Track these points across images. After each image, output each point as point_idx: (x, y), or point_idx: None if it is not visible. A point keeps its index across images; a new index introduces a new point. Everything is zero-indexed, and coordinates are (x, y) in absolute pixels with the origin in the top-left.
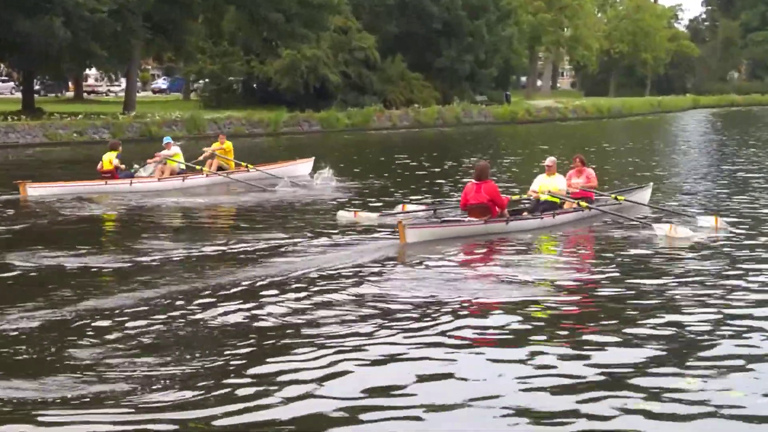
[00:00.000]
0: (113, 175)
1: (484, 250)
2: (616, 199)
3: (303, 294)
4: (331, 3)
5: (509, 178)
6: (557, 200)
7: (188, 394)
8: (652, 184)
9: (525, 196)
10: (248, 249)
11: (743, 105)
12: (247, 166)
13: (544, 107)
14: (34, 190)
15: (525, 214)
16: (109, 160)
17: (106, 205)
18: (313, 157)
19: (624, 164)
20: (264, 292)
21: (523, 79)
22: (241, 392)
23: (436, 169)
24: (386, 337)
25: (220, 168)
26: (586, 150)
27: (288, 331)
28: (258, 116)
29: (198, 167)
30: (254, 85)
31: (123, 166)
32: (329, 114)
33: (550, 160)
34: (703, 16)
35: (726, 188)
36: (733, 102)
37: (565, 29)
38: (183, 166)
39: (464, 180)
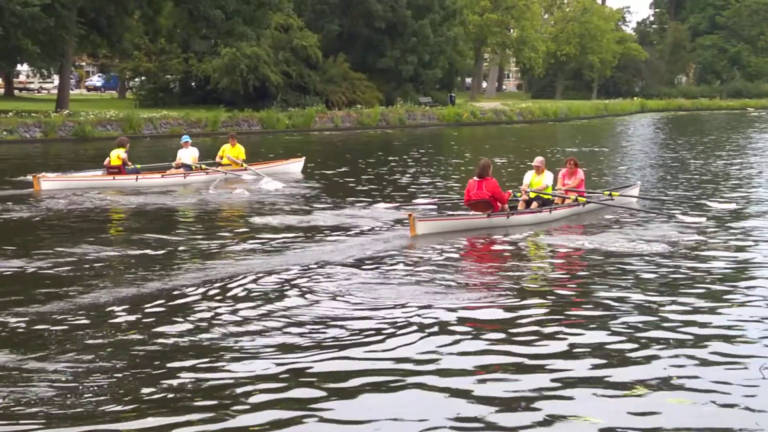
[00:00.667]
0: (120, 171)
1: (487, 242)
2: (610, 195)
3: (319, 283)
4: (273, 0)
5: (450, 180)
6: (549, 196)
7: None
8: (639, 183)
9: (518, 194)
10: (257, 242)
11: (691, 109)
12: (243, 165)
13: (489, 109)
14: (48, 183)
15: (522, 208)
16: (117, 155)
17: (113, 200)
18: (303, 157)
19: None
20: (283, 281)
21: (469, 80)
22: (261, 387)
23: (384, 169)
24: (400, 326)
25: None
26: (534, 151)
27: (303, 320)
28: (196, 116)
29: (205, 167)
30: (192, 84)
31: (129, 163)
32: (269, 114)
33: (537, 160)
34: (651, 18)
35: (681, 190)
36: (680, 106)
37: (512, 30)
38: (196, 166)
39: (418, 181)
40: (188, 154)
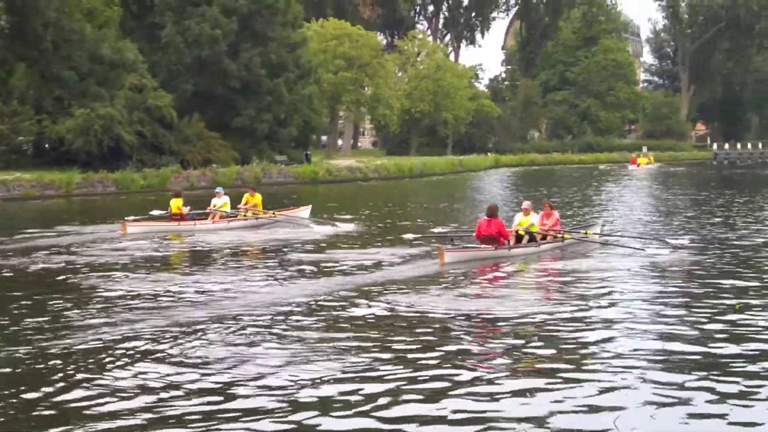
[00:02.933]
0: (182, 217)
1: (505, 269)
2: (586, 233)
3: (360, 306)
4: (126, 61)
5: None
6: (533, 234)
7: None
8: (602, 220)
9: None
10: (302, 271)
11: (543, 164)
12: (274, 213)
13: (345, 167)
14: (132, 228)
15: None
16: (177, 205)
17: (182, 242)
18: (311, 205)
19: (424, 219)
20: (328, 305)
21: (324, 138)
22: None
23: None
24: (439, 346)
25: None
26: (388, 208)
27: (349, 341)
28: (49, 177)
29: (239, 213)
30: (46, 145)
31: (189, 210)
32: (124, 175)
33: (526, 204)
34: (503, 75)
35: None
36: (533, 161)
37: (366, 88)
38: (228, 212)
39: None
40: (222, 203)
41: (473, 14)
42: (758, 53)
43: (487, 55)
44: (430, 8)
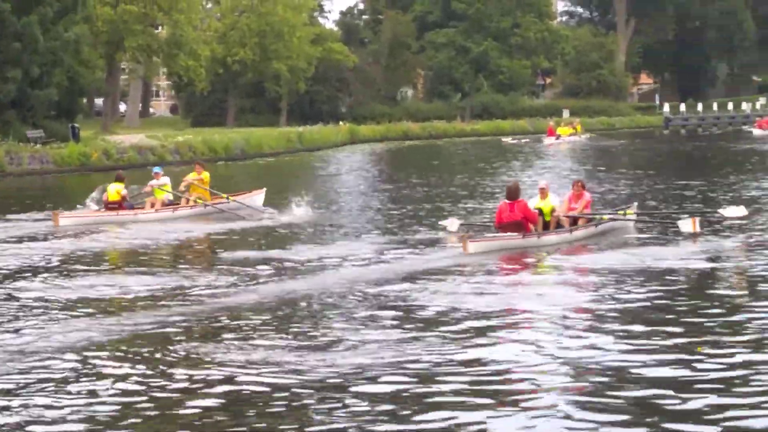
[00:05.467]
0: (120, 206)
1: (526, 260)
2: (624, 213)
3: (385, 298)
4: None
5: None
6: (548, 218)
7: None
8: (636, 203)
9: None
10: (306, 261)
11: (422, 137)
12: (227, 197)
13: (131, 146)
14: (65, 220)
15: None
16: (117, 191)
17: (118, 234)
18: (265, 188)
19: None
20: (342, 297)
21: (99, 102)
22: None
23: None
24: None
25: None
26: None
27: (369, 332)
28: None
29: (182, 197)
30: None
31: (128, 197)
32: None
33: (543, 183)
34: (361, 7)
35: None
36: (406, 133)
37: (160, 28)
38: (171, 197)
39: None
40: (161, 184)
41: None
42: None
43: None
44: None
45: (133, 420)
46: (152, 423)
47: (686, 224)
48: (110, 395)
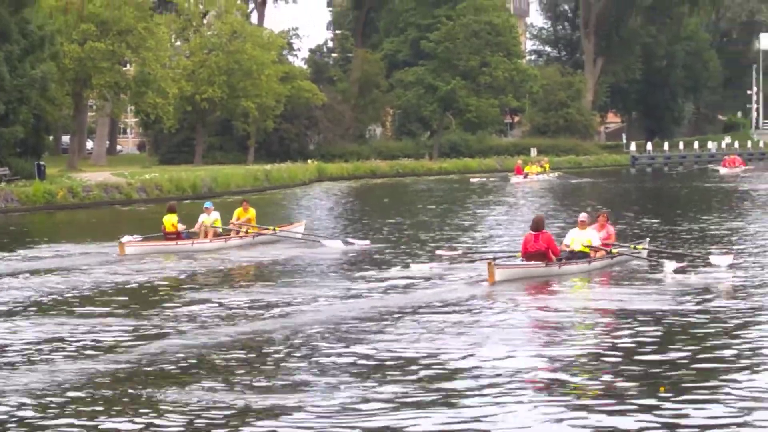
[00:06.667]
0: (178, 236)
1: (550, 288)
2: (635, 248)
3: (411, 323)
4: None
5: None
6: (587, 250)
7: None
8: (648, 238)
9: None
10: (339, 290)
11: (389, 175)
12: (274, 229)
13: (96, 184)
14: (130, 248)
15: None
16: (172, 222)
17: (180, 263)
18: (305, 221)
19: None
20: (372, 324)
21: (66, 140)
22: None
23: None
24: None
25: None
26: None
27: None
28: None
29: (232, 230)
30: None
31: (184, 227)
32: None
33: (583, 216)
34: (330, 45)
35: None
36: (374, 170)
37: (129, 65)
38: (221, 230)
39: None
40: (212, 219)
41: None
42: (692, 13)
43: (305, 15)
44: None
45: None
46: None
47: (723, 259)
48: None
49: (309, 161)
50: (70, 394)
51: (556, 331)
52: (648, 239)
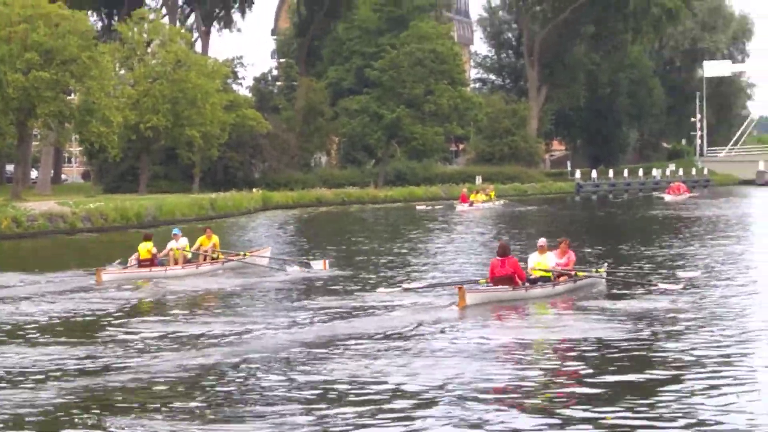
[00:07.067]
0: (152, 263)
1: (519, 311)
2: (597, 271)
3: (381, 347)
4: None
5: None
6: (549, 274)
7: None
8: (606, 263)
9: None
10: (309, 314)
11: (335, 203)
12: (244, 254)
13: (41, 213)
14: (107, 276)
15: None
16: (147, 249)
17: (156, 289)
18: (270, 247)
19: None
20: (341, 349)
21: (10, 169)
22: None
23: None
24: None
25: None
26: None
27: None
28: None
29: (199, 255)
30: None
31: (159, 255)
32: None
33: (542, 241)
34: (275, 73)
35: None
36: (320, 199)
37: (73, 94)
38: (189, 255)
39: None
40: (181, 245)
41: None
42: (635, 41)
43: (250, 43)
44: None
45: None
46: None
47: (673, 284)
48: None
49: (254, 190)
50: (12, 424)
51: (515, 354)
52: (606, 264)
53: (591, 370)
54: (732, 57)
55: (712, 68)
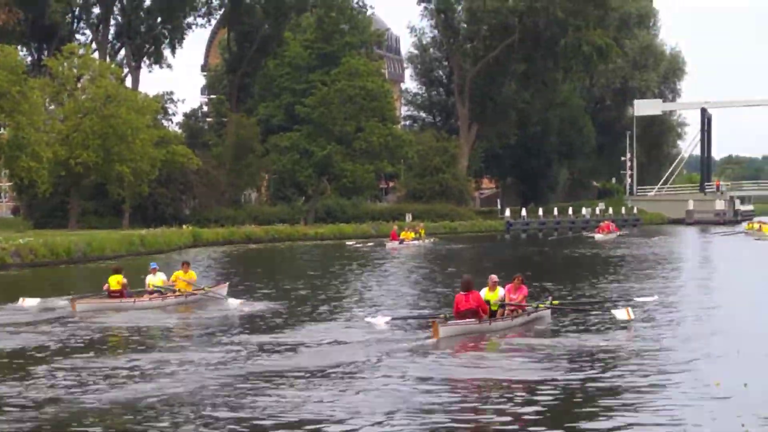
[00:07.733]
0: (122, 294)
1: (485, 342)
2: (552, 304)
3: (347, 380)
4: None
5: None
6: (496, 308)
7: None
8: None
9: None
10: (286, 344)
11: (265, 240)
12: (205, 289)
13: None
14: (81, 305)
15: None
16: (117, 281)
17: (130, 318)
18: (228, 283)
19: None
20: (314, 380)
21: None
22: None
23: None
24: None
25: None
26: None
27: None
28: None
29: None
30: None
31: (127, 287)
32: None
33: (493, 277)
34: (205, 109)
35: None
36: (249, 236)
37: (2, 129)
38: (162, 290)
39: None
40: (157, 280)
41: (159, 20)
42: (566, 79)
43: (180, 79)
44: (96, 11)
45: None
46: None
47: (621, 313)
48: None
49: (184, 226)
50: None
51: (464, 390)
52: (550, 297)
53: (538, 408)
54: (663, 96)
55: (643, 107)
